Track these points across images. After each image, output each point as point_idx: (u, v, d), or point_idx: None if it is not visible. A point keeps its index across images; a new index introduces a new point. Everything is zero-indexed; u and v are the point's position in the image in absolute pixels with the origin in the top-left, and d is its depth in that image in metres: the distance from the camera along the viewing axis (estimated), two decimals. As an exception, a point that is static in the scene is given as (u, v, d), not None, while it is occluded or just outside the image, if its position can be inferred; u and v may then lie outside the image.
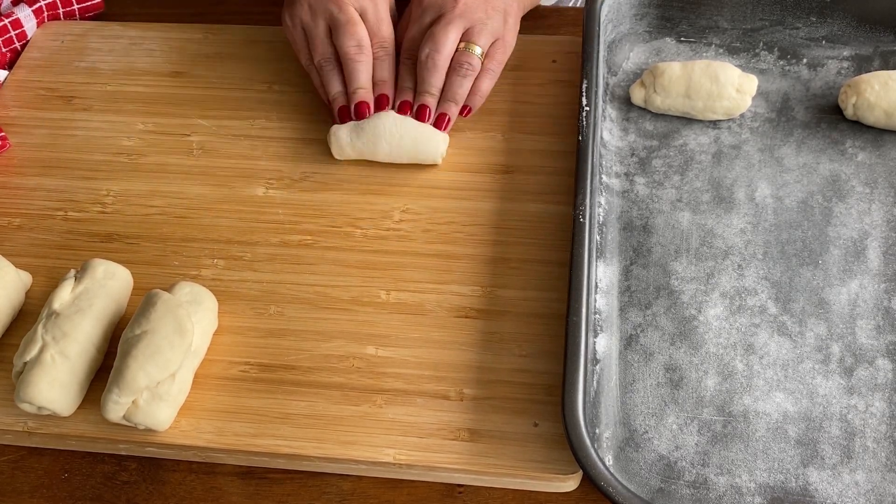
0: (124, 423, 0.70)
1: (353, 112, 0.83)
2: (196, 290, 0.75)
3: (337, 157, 0.86)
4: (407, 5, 0.89)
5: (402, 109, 0.84)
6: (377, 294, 0.78)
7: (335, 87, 0.85)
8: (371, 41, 0.84)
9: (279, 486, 0.71)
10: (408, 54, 0.85)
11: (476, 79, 0.84)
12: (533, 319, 0.76)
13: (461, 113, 0.85)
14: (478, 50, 0.83)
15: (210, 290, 0.76)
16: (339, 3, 0.83)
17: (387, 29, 0.86)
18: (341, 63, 0.84)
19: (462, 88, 0.84)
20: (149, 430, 0.71)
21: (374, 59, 0.84)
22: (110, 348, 0.74)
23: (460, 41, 0.83)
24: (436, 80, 0.83)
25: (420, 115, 0.83)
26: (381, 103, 0.84)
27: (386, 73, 0.84)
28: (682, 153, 0.86)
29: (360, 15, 0.85)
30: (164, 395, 0.69)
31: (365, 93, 0.83)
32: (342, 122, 0.85)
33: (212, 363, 0.75)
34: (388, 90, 0.84)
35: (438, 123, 0.84)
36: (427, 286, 0.79)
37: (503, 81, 0.90)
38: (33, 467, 0.73)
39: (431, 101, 0.83)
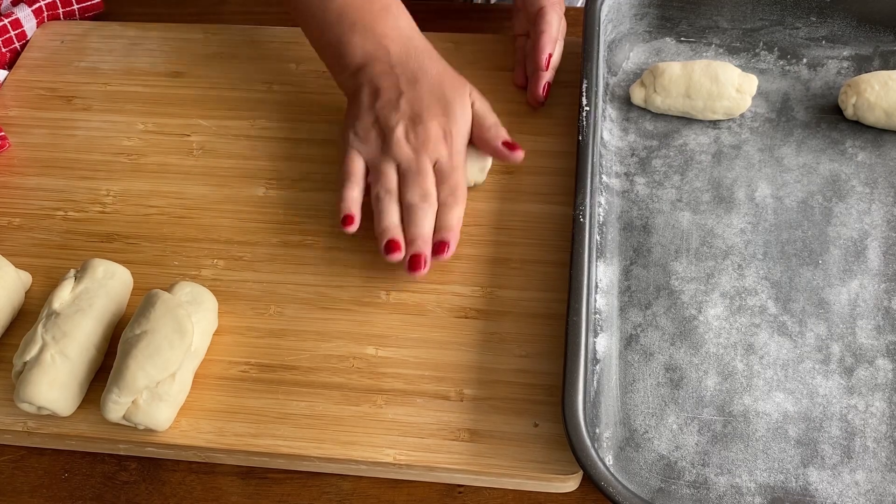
0: (124, 423, 0.70)
1: (408, 263, 0.76)
2: (196, 290, 0.75)
3: None
4: None
5: (389, 250, 0.77)
6: (377, 294, 0.78)
7: (392, 220, 0.77)
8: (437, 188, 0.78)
9: (279, 486, 0.71)
10: (387, 189, 0.79)
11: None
12: (533, 319, 0.76)
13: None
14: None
15: (210, 290, 0.76)
16: (416, 150, 0.78)
17: (457, 177, 0.79)
18: (404, 208, 0.77)
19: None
20: (149, 430, 0.71)
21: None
22: (110, 348, 0.74)
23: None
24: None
25: (414, 266, 0.76)
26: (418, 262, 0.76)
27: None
28: (682, 153, 0.86)
29: (436, 166, 0.78)
30: (163, 395, 0.69)
31: (424, 245, 0.76)
32: (389, 254, 0.76)
33: (212, 363, 0.75)
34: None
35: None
36: (427, 286, 0.78)
37: (503, 81, 0.90)
38: (33, 467, 0.73)
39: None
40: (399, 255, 0.76)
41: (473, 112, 0.81)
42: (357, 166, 0.79)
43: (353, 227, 0.78)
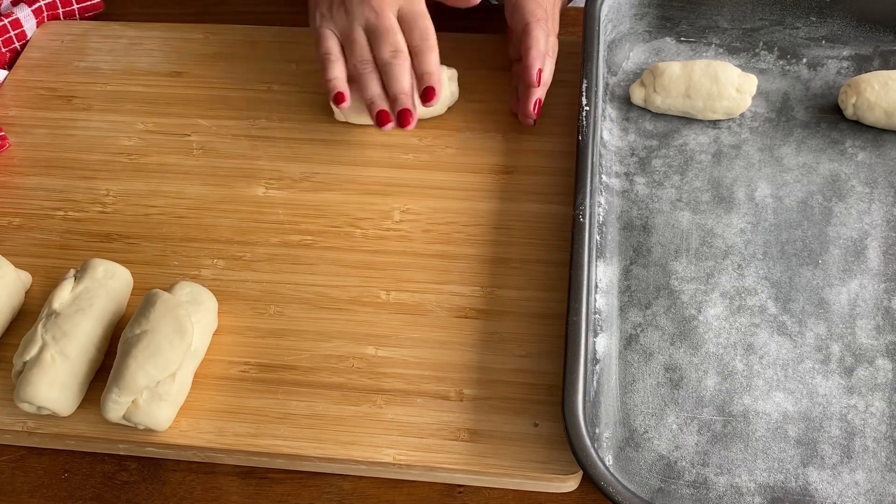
0: (124, 422, 0.70)
1: (397, 120, 0.80)
2: (196, 289, 0.75)
3: (341, 118, 0.88)
4: None
5: (380, 120, 0.81)
6: (377, 294, 0.78)
7: (374, 90, 0.81)
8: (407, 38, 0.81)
9: (279, 486, 0.71)
10: (362, 60, 0.82)
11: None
12: (533, 319, 0.76)
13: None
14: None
15: (210, 290, 0.76)
16: (376, 9, 0.80)
17: (423, 22, 0.82)
18: (379, 67, 0.81)
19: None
20: (149, 430, 0.71)
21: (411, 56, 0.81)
22: (110, 348, 0.74)
23: None
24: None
25: (403, 120, 0.80)
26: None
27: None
28: (682, 153, 0.86)
29: (399, 15, 0.81)
30: (163, 395, 0.69)
31: (406, 98, 0.80)
32: (381, 126, 0.80)
33: (212, 363, 0.75)
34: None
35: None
36: (427, 286, 0.79)
37: (503, 81, 0.90)
38: (33, 467, 0.73)
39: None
40: (390, 125, 0.79)
41: None
42: (332, 44, 0.82)
43: (346, 104, 0.81)
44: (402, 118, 0.79)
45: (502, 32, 0.96)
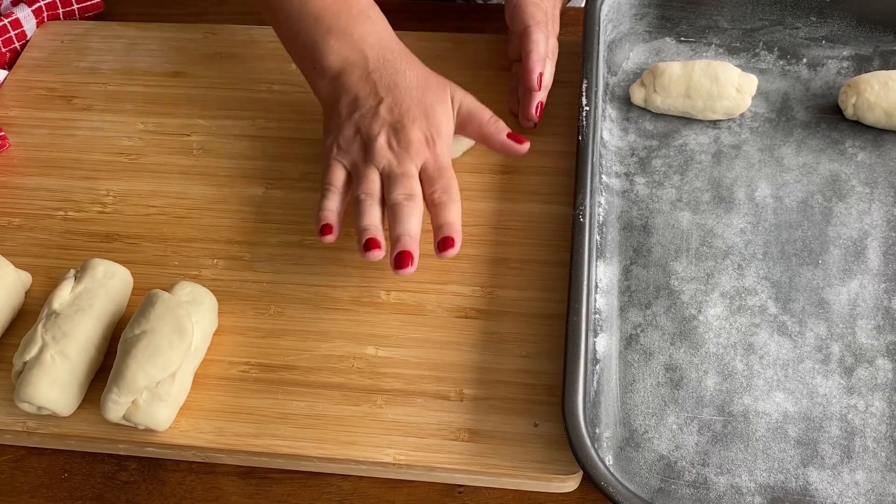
0: (124, 423, 0.70)
1: (394, 261, 0.72)
2: (196, 290, 0.75)
3: None
4: None
5: (367, 247, 0.74)
6: (377, 294, 0.78)
7: (371, 220, 0.74)
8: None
9: (279, 486, 0.71)
10: (367, 192, 0.77)
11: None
12: (533, 319, 0.76)
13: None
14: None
15: (210, 290, 0.76)
16: (399, 156, 0.76)
17: (447, 175, 0.77)
18: (387, 207, 0.75)
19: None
20: (149, 430, 0.71)
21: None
22: (110, 348, 0.74)
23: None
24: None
25: (400, 263, 0.73)
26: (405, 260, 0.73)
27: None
28: (682, 153, 0.86)
29: (422, 168, 0.77)
30: (163, 395, 0.69)
31: (412, 242, 0.73)
32: (366, 252, 0.73)
33: (212, 363, 0.75)
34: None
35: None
36: (427, 286, 0.78)
37: (503, 81, 0.90)
38: (33, 467, 0.73)
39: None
40: (378, 253, 0.73)
41: (464, 111, 0.80)
42: (338, 176, 0.77)
43: (332, 237, 0.75)
44: (401, 259, 0.72)
45: (502, 32, 0.96)
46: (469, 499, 0.70)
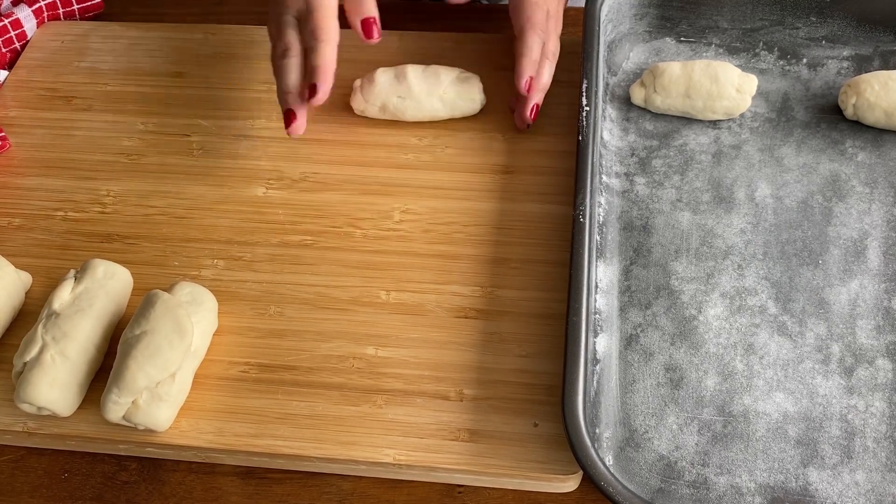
0: (124, 423, 0.70)
1: (284, 118, 0.78)
2: (196, 290, 0.75)
3: (361, 113, 0.88)
4: None
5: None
6: (377, 294, 0.78)
7: (292, 80, 0.78)
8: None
9: (279, 486, 0.71)
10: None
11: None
12: (533, 319, 0.76)
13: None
14: None
15: (210, 290, 0.76)
16: (274, 12, 0.78)
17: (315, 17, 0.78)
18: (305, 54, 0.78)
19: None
20: (149, 431, 0.71)
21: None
22: (110, 348, 0.74)
23: None
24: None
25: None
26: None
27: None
28: (682, 153, 0.86)
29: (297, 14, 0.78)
30: (163, 396, 0.69)
31: (291, 98, 0.78)
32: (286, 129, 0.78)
33: (212, 363, 0.75)
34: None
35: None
36: (427, 286, 0.78)
37: (503, 82, 0.90)
38: (33, 467, 0.73)
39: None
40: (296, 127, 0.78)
41: None
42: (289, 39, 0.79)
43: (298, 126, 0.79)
44: (287, 119, 0.78)
45: (502, 32, 0.96)
46: (469, 499, 0.70)
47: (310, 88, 0.76)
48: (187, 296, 0.74)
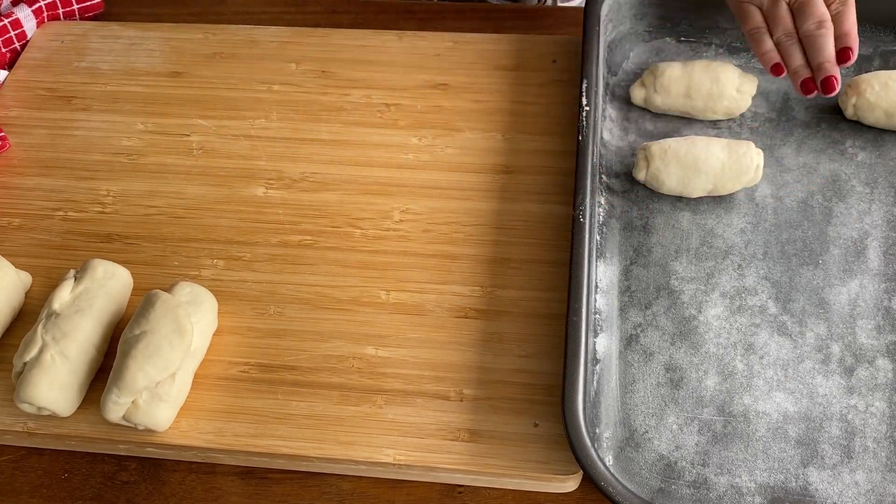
0: (124, 423, 0.70)
1: (822, 86, 0.80)
2: (196, 290, 0.75)
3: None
4: None
5: (807, 89, 0.81)
6: (377, 294, 0.78)
7: (797, 61, 0.81)
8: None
9: (279, 486, 0.71)
10: (786, 33, 0.83)
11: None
12: (533, 319, 0.76)
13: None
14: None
15: (210, 290, 0.76)
16: None
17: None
18: (802, 39, 0.81)
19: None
20: (148, 431, 0.71)
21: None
22: (110, 348, 0.74)
23: None
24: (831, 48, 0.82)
25: (829, 87, 0.80)
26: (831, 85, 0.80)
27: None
28: (682, 153, 0.86)
29: None
30: (163, 396, 0.69)
31: (831, 66, 0.80)
32: (806, 94, 0.80)
33: (212, 363, 0.75)
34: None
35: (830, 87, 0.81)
36: (427, 286, 0.78)
37: (503, 81, 0.90)
38: (33, 467, 0.73)
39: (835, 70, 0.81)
40: (816, 93, 0.80)
41: None
42: (758, 19, 0.82)
43: (784, 74, 0.81)
44: (827, 85, 0.79)
45: (502, 32, 0.96)
46: (469, 499, 0.70)
47: (844, 53, 0.80)
48: (187, 296, 0.74)
